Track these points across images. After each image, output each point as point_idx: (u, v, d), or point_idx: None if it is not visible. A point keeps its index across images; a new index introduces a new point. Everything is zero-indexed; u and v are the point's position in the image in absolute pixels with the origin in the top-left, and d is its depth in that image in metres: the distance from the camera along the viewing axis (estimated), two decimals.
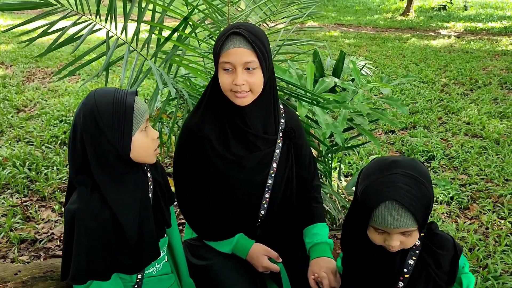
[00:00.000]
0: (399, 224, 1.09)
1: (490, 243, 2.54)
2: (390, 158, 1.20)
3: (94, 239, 1.21)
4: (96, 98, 1.19)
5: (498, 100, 5.23)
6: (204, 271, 1.57)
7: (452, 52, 7.81)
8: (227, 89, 1.43)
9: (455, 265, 1.21)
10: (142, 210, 1.27)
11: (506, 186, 3.21)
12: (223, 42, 1.39)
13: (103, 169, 1.20)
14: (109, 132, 1.18)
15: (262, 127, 1.55)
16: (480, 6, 15.37)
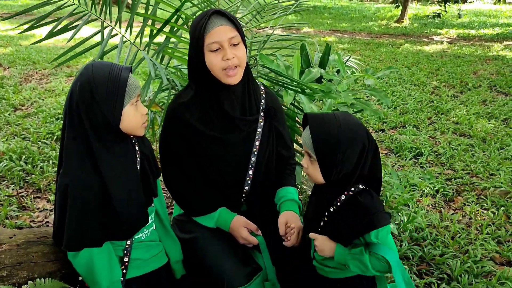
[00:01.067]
0: (304, 140, 1.41)
1: (472, 232, 2.63)
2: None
3: (86, 209, 1.29)
4: (93, 70, 1.28)
5: (487, 101, 5.34)
6: (190, 244, 1.64)
7: (444, 57, 7.95)
8: (219, 68, 1.51)
9: (352, 234, 1.40)
10: (130, 179, 1.35)
11: (490, 180, 3.30)
12: (205, 25, 1.47)
13: (96, 136, 1.28)
14: (102, 102, 1.26)
15: (245, 107, 1.64)
16: (473, 14, 15.58)
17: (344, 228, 1.41)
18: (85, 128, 1.28)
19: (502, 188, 3.11)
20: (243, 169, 1.66)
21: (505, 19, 13.94)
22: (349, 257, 1.40)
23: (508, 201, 2.96)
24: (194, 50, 1.53)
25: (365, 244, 1.44)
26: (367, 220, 1.38)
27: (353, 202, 1.41)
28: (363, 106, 2.33)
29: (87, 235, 1.30)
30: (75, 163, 1.29)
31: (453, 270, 2.24)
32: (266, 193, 1.73)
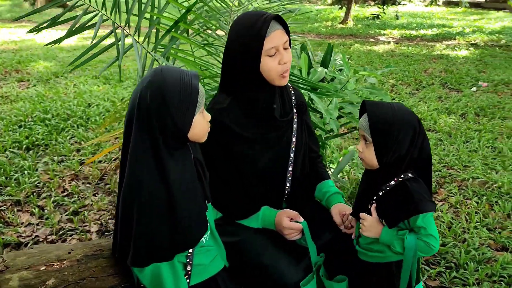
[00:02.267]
0: (361, 124, 1.49)
1: (463, 221, 2.77)
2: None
3: (155, 220, 1.24)
4: (164, 75, 1.22)
5: (443, 98, 5.65)
6: (235, 247, 1.62)
7: (394, 56, 8.32)
8: (276, 73, 1.52)
9: (399, 217, 1.48)
10: (192, 185, 1.31)
11: (466, 171, 3.50)
12: (263, 29, 1.45)
13: (164, 143, 1.23)
14: (175, 110, 1.22)
15: (283, 106, 1.67)
16: (410, 15, 16.41)
17: (391, 211, 1.50)
18: (155, 135, 1.22)
19: (480, 179, 3.31)
20: (283, 167, 1.68)
21: (438, 20, 14.81)
22: (396, 238, 1.49)
23: (488, 190, 3.15)
24: (247, 55, 1.50)
25: (409, 229, 1.52)
26: (414, 205, 1.47)
27: (401, 188, 1.50)
28: None
29: (156, 249, 1.24)
30: (143, 171, 1.21)
31: (458, 259, 2.36)
32: (304, 188, 1.77)
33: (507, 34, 10.95)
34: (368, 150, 1.49)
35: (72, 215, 2.77)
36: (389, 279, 1.58)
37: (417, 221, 1.48)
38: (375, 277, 1.60)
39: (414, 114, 1.50)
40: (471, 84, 6.26)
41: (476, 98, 5.55)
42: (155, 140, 1.22)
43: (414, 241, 1.49)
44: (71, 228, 2.64)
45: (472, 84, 6.26)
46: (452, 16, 16.16)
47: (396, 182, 1.51)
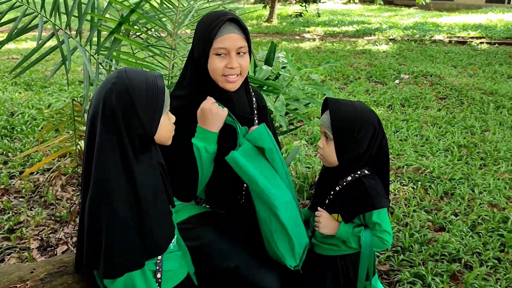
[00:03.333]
0: (322, 121, 1.54)
1: (402, 206, 2.94)
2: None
3: (126, 227, 1.19)
4: (128, 77, 1.17)
5: (370, 91, 5.94)
6: (198, 252, 1.59)
7: (321, 53, 8.61)
8: (219, 74, 1.50)
9: (355, 211, 1.56)
10: (158, 189, 1.27)
11: (400, 159, 3.71)
12: (216, 29, 1.44)
13: (131, 146, 1.18)
14: (143, 112, 1.18)
15: (244, 109, 1.65)
16: (330, 13, 17.06)
17: (347, 206, 1.56)
18: (122, 138, 1.16)
19: (413, 165, 3.53)
20: None
21: (357, 17, 15.55)
22: (351, 235, 1.56)
23: (421, 176, 3.37)
24: (199, 50, 1.50)
25: (364, 225, 1.60)
26: (370, 201, 1.54)
27: (358, 184, 1.56)
28: (311, 100, 2.46)
29: (128, 257, 1.18)
30: (111, 177, 1.15)
31: (403, 243, 2.50)
32: None
33: (419, 29, 11.75)
34: (329, 147, 1.53)
35: (8, 233, 2.57)
36: (344, 272, 1.63)
37: (372, 217, 1.56)
38: (330, 270, 1.65)
39: (374, 113, 1.56)
40: (394, 77, 6.64)
41: (400, 90, 5.91)
42: (123, 144, 1.17)
43: (370, 237, 1.56)
44: (9, 247, 2.45)
45: (395, 77, 6.64)
46: (369, 13, 17.02)
47: (353, 178, 1.57)
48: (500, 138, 4.17)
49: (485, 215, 2.79)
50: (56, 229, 2.65)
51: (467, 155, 3.78)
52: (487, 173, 3.43)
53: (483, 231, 2.62)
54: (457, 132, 4.32)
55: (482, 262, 2.37)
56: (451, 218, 2.77)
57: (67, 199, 2.97)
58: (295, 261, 1.55)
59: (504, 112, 4.95)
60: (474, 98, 5.51)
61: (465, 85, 6.12)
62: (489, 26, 11.78)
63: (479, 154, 3.83)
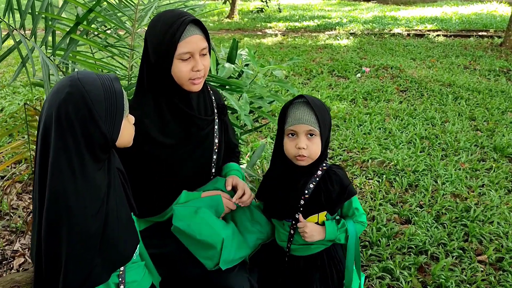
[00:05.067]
0: (305, 119, 1.44)
1: (369, 200, 2.96)
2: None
3: (86, 239, 1.12)
4: (83, 84, 1.09)
5: (332, 85, 5.98)
6: (163, 259, 1.55)
7: (283, 48, 8.60)
8: (186, 78, 1.45)
9: (339, 201, 1.55)
10: (120, 196, 1.21)
11: (364, 153, 3.74)
12: (179, 32, 1.38)
13: (91, 155, 1.11)
14: (103, 121, 1.11)
15: (204, 109, 1.62)
16: (291, 8, 17.10)
17: (328, 199, 1.53)
18: (80, 149, 1.09)
19: (378, 159, 3.56)
20: (207, 169, 1.65)
21: (318, 12, 15.66)
22: (339, 232, 1.55)
23: (386, 169, 3.41)
24: (160, 56, 1.43)
25: (341, 216, 1.62)
26: (348, 189, 1.55)
27: (330, 176, 1.55)
28: (275, 98, 2.43)
29: (92, 271, 1.11)
30: (69, 189, 1.07)
31: (371, 237, 2.51)
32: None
33: (378, 23, 11.94)
34: (314, 144, 1.49)
35: None
36: (332, 266, 1.62)
37: (353, 204, 1.58)
38: (317, 268, 1.62)
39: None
40: (356, 71, 6.71)
41: (362, 83, 5.97)
42: (81, 153, 1.09)
43: (353, 226, 1.57)
44: None
45: (356, 71, 6.71)
46: (329, 8, 17.18)
47: (322, 171, 1.55)
48: (459, 129, 4.28)
49: (448, 206, 2.84)
50: (12, 241, 2.51)
51: (429, 147, 3.85)
52: (449, 164, 3.50)
53: (447, 222, 2.67)
54: (418, 124, 4.40)
55: (448, 253, 2.41)
56: (416, 210, 2.81)
57: (23, 208, 2.82)
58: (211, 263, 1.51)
59: (462, 103, 5.08)
60: (433, 90, 5.64)
61: (424, 77, 6.26)
62: (444, 19, 12.11)
63: (440, 145, 3.91)
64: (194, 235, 1.48)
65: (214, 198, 1.59)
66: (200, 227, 1.49)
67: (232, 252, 1.51)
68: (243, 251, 1.56)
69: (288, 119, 1.49)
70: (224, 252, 1.49)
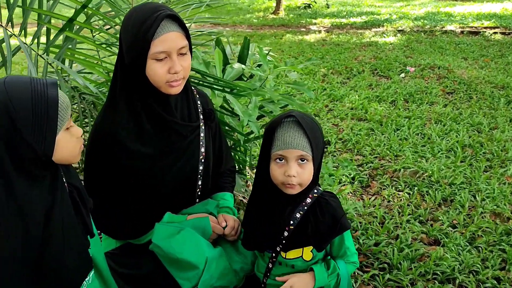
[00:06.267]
0: (296, 143, 1.23)
1: (395, 215, 2.69)
2: None
3: (11, 270, 0.98)
4: (8, 89, 0.95)
5: (373, 85, 5.65)
6: (138, 281, 1.42)
7: (325, 45, 8.30)
8: (162, 80, 1.29)
9: (329, 236, 1.33)
10: (66, 218, 1.06)
11: (397, 161, 3.45)
12: (152, 29, 1.22)
13: (19, 173, 0.97)
14: (28, 133, 0.96)
15: (187, 114, 1.46)
16: (340, 4, 16.63)
17: (315, 232, 1.31)
18: (3, 166, 0.95)
19: (411, 169, 3.26)
20: (192, 181, 1.49)
21: (367, 8, 15.11)
22: (330, 278, 1.34)
23: (418, 181, 3.11)
24: (133, 55, 1.28)
25: (328, 256, 1.41)
26: (340, 221, 1.32)
27: (321, 204, 1.33)
28: (288, 102, 2.22)
29: None
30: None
31: (391, 259, 2.26)
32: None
33: (430, 19, 11.32)
34: (306, 170, 1.27)
35: None
36: None
37: (345, 241, 1.37)
38: None
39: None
40: (400, 70, 6.33)
41: (405, 84, 5.61)
42: (4, 171, 0.95)
43: (345, 267, 1.36)
44: None
45: (400, 70, 6.33)
46: (380, 4, 16.56)
47: (312, 199, 1.34)
48: (509, 137, 3.87)
49: (486, 227, 2.52)
50: None
51: (471, 156, 3.50)
52: (492, 177, 3.15)
53: (482, 245, 2.36)
54: (462, 130, 4.03)
55: (480, 283, 2.11)
56: (447, 230, 2.52)
57: None
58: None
59: None
60: (483, 92, 5.19)
61: (475, 78, 5.79)
62: (504, 16, 11.29)
63: (485, 154, 3.55)
64: (174, 253, 1.33)
65: (201, 219, 1.43)
66: (182, 245, 1.34)
67: (215, 276, 1.35)
68: (227, 280, 1.38)
69: (275, 142, 1.26)
70: (206, 273, 1.33)
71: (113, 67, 2.04)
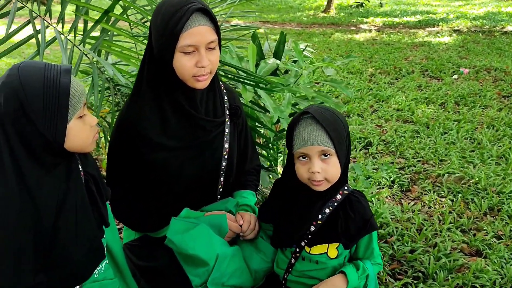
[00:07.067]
0: (315, 139, 1.19)
1: (435, 222, 2.56)
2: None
3: (22, 257, 1.00)
4: (21, 76, 0.96)
5: (422, 87, 5.43)
6: (153, 273, 1.41)
7: (375, 45, 8.09)
8: (189, 73, 1.28)
9: (358, 235, 1.29)
10: (78, 206, 1.06)
11: (442, 166, 3.28)
12: (182, 21, 1.21)
13: (30, 160, 0.98)
14: (39, 119, 0.97)
15: (209, 108, 1.43)
16: (394, 3, 16.17)
17: (346, 229, 1.28)
18: (14, 152, 0.96)
19: (456, 174, 3.09)
20: (214, 176, 1.47)
21: (423, 7, 14.60)
22: (359, 280, 1.30)
23: (464, 187, 2.94)
24: (161, 47, 1.27)
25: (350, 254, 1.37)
26: (370, 220, 1.29)
27: (352, 201, 1.30)
28: (323, 99, 2.15)
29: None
30: (2, 200, 0.96)
31: (427, 268, 2.14)
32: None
33: (490, 19, 10.76)
34: (331, 165, 1.23)
35: None
36: None
37: (372, 241, 1.33)
38: None
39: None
40: (452, 71, 6.05)
41: (457, 86, 5.35)
42: (15, 157, 0.97)
43: (372, 269, 1.33)
44: None
45: (453, 71, 6.05)
46: (437, 2, 15.95)
47: (343, 195, 1.30)
48: None
49: None
50: None
51: None
52: None
53: None
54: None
55: None
56: (491, 241, 2.36)
57: None
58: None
59: None
60: None
61: None
62: None
63: None
64: (186, 248, 1.32)
65: (217, 217, 1.41)
66: (195, 241, 1.32)
67: (227, 274, 1.31)
68: (241, 280, 1.35)
69: (296, 140, 1.24)
70: (216, 270, 1.30)
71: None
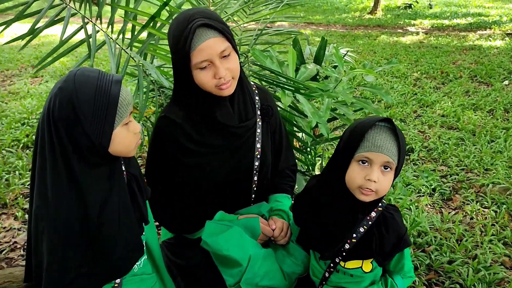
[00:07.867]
0: (386, 148, 1.17)
1: (477, 233, 2.49)
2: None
3: (68, 246, 1.07)
4: (76, 83, 1.03)
5: (470, 92, 5.26)
6: (187, 270, 1.47)
7: (422, 48, 7.88)
8: (211, 86, 1.31)
9: (393, 252, 1.29)
10: (121, 204, 1.13)
11: (486, 175, 3.18)
12: (188, 42, 1.23)
13: (78, 160, 1.06)
14: (88, 124, 1.04)
15: (241, 112, 1.47)
16: (444, 4, 15.68)
17: (379, 247, 1.28)
18: (66, 151, 1.04)
19: (501, 185, 2.99)
20: (247, 177, 1.50)
21: (474, 9, 14.08)
22: None
23: (509, 198, 2.84)
24: (178, 67, 1.32)
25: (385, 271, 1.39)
26: (404, 237, 1.29)
27: (386, 219, 1.30)
28: (363, 105, 2.14)
29: (78, 281, 1.07)
30: (54, 192, 1.05)
31: (465, 280, 2.09)
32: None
33: None
34: (387, 179, 1.22)
35: None
36: None
37: (404, 257, 1.33)
38: None
39: None
40: (503, 77, 5.81)
41: (508, 93, 5.14)
42: (67, 156, 1.04)
43: (403, 283, 1.34)
44: None
45: (504, 77, 5.81)
46: (490, 4, 15.33)
47: (377, 212, 1.29)
48: None
49: None
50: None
51: None
52: None
53: None
54: None
55: None
56: None
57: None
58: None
59: None
60: None
61: None
62: None
63: None
64: (220, 250, 1.36)
65: (250, 220, 1.44)
66: (228, 242, 1.36)
67: (259, 275, 1.35)
68: (274, 281, 1.38)
69: (364, 143, 1.20)
70: (249, 271, 1.34)
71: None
